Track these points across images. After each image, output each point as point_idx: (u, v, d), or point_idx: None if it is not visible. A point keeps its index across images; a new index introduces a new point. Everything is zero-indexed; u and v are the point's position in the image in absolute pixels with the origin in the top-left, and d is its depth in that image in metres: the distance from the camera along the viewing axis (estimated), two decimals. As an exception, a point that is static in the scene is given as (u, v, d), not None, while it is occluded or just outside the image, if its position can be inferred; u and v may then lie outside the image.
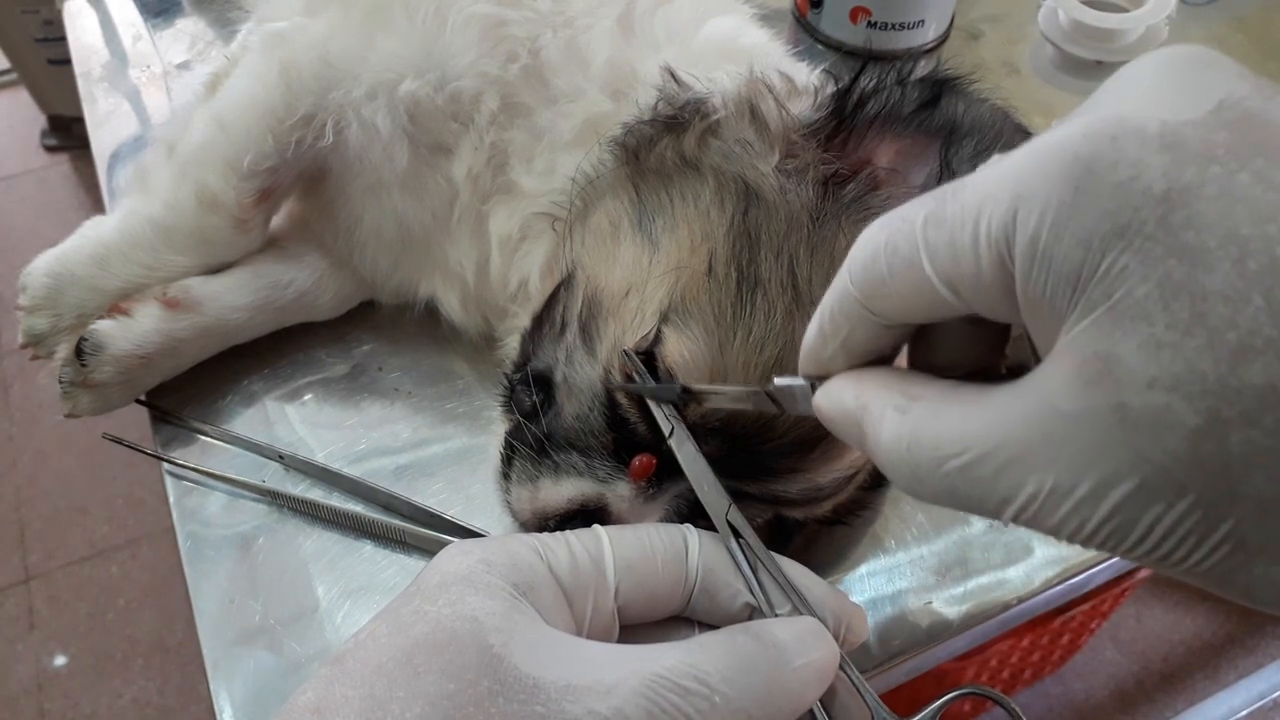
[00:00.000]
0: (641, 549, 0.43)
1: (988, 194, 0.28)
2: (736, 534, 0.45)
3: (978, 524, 0.63)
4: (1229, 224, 0.24)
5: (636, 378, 0.48)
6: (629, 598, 0.42)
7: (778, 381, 0.39)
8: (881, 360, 0.35)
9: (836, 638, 0.42)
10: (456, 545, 0.41)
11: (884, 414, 0.32)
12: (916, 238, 0.30)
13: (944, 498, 0.30)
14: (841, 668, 0.42)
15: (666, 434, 0.47)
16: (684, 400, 0.47)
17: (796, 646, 0.40)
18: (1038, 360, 0.29)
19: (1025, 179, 0.27)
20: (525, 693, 0.34)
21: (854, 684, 0.43)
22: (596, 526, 0.45)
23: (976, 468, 0.29)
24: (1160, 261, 0.25)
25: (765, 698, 0.38)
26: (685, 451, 0.47)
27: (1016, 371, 0.30)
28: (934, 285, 0.30)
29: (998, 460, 0.28)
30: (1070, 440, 0.26)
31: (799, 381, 0.38)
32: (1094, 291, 0.26)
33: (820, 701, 0.41)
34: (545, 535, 0.43)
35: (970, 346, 0.34)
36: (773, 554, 0.45)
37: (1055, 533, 0.27)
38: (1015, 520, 0.28)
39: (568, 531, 0.44)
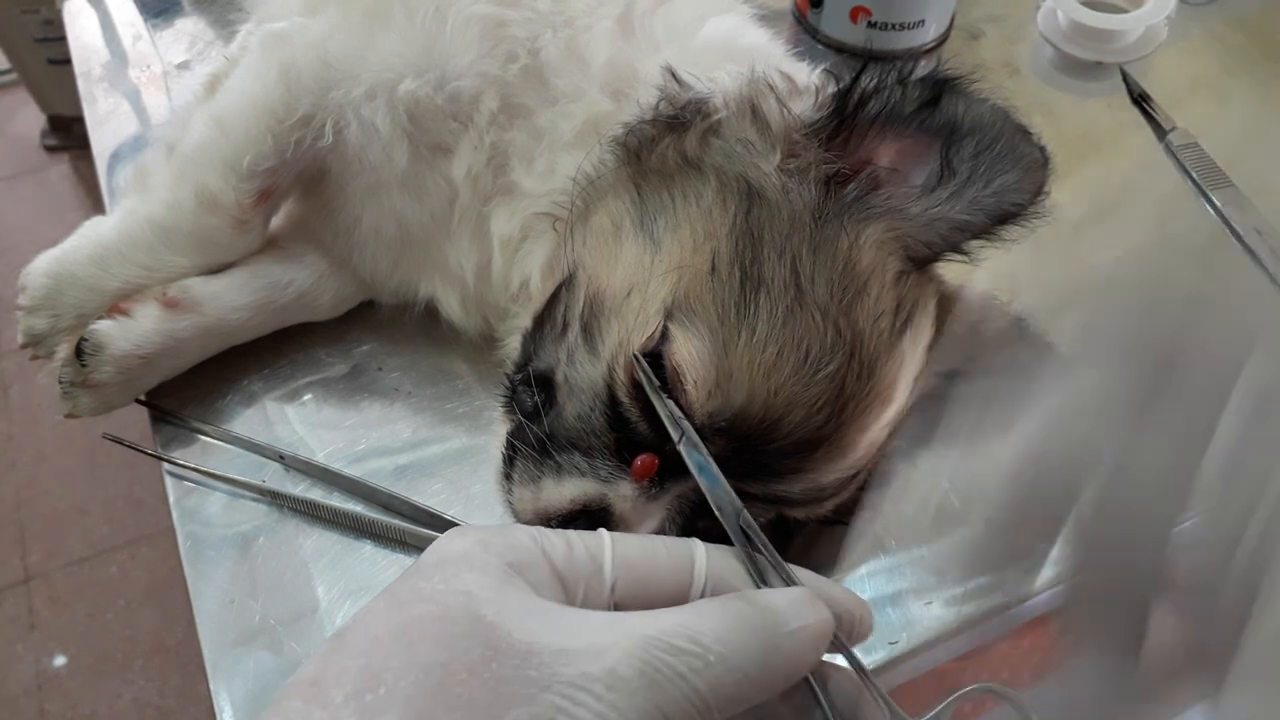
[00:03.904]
0: (644, 551, 0.43)
1: None
2: (748, 539, 0.45)
3: (978, 524, 0.63)
4: None
5: (643, 381, 0.48)
6: (626, 595, 0.42)
7: None
8: None
9: (849, 633, 0.43)
10: (456, 529, 0.42)
11: None
12: None
13: None
14: (856, 667, 0.42)
15: (676, 439, 0.47)
16: None
17: (791, 610, 0.40)
18: None
19: None
20: (518, 657, 0.35)
21: (865, 684, 0.43)
22: (602, 530, 0.44)
23: None
24: None
25: (762, 658, 0.38)
26: (694, 456, 0.47)
27: None
28: None
29: None
30: None
31: None
32: None
33: (815, 684, 0.42)
34: (546, 529, 0.43)
35: None
36: (783, 562, 0.44)
37: None
38: None
39: (571, 530, 0.44)
